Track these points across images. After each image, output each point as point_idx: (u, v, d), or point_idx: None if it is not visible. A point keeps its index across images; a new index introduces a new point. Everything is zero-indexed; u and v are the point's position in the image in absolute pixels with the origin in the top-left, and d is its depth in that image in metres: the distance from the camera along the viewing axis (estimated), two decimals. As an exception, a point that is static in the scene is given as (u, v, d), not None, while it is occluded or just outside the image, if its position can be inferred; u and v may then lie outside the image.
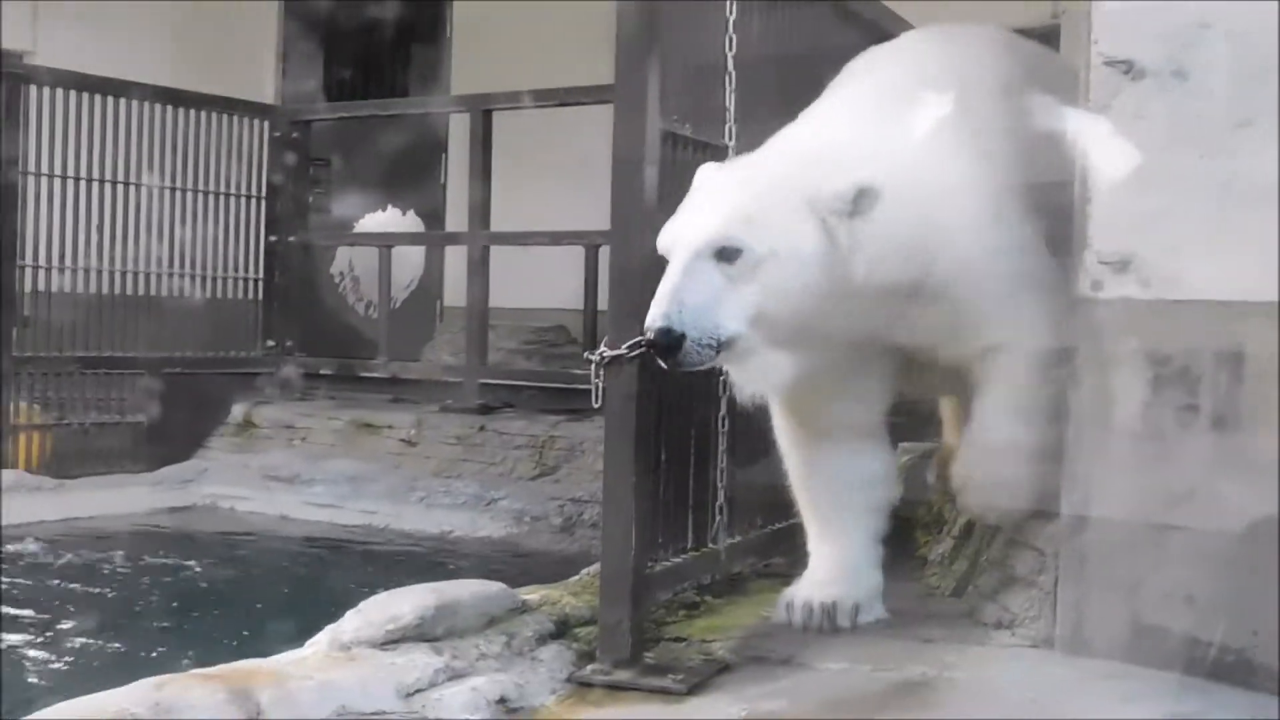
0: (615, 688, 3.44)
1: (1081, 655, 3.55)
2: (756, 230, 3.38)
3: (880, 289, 3.61)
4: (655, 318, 3.24)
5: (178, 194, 8.91)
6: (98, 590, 5.64)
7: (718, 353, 3.32)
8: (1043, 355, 3.81)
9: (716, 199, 3.51)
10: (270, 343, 9.38)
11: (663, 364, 3.32)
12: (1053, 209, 3.86)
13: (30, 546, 6.38)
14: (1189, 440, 3.37)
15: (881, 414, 4.21)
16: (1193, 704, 3.18)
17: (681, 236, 3.40)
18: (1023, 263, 3.87)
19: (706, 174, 3.66)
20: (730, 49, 3.89)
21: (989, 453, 3.94)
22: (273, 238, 9.45)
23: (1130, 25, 3.52)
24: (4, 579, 5.68)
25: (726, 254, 3.33)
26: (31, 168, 8.12)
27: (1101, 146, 3.54)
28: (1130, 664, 3.42)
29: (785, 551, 4.40)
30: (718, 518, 4.16)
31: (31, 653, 4.60)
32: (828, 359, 3.76)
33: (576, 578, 4.28)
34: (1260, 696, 3.14)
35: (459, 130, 9.63)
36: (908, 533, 4.60)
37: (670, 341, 3.21)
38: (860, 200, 3.44)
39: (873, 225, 3.48)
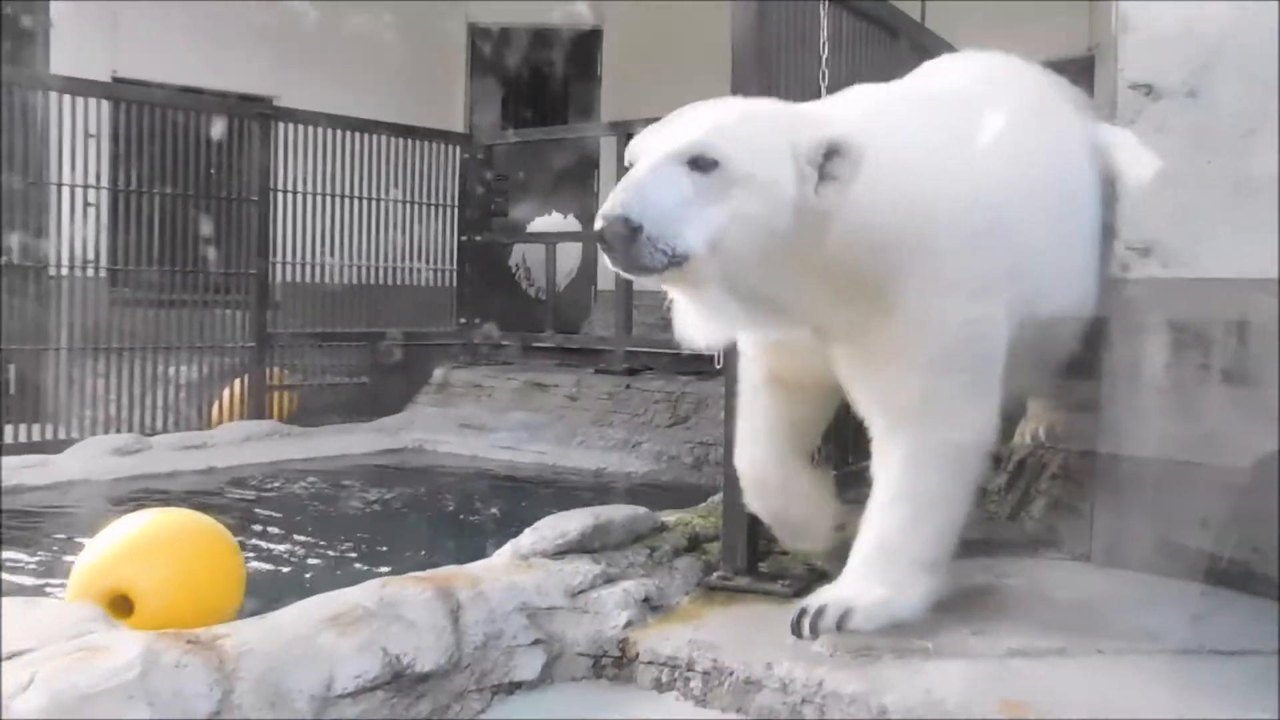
0: (735, 591, 3.48)
1: (1115, 567, 3.52)
2: (739, 148, 2.58)
3: (853, 276, 2.81)
4: (613, 205, 2.46)
5: (391, 205, 9.06)
6: (334, 513, 5.77)
7: (669, 263, 2.48)
8: (976, 451, 3.03)
9: (703, 114, 2.69)
10: (463, 320, 9.49)
11: (610, 263, 2.52)
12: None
13: (280, 480, 6.53)
14: (1203, 393, 3.32)
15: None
16: (1205, 605, 3.13)
17: (656, 141, 2.64)
18: (981, 333, 2.98)
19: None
20: (824, 81, 3.85)
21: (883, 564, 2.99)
22: (464, 238, 9.56)
23: (1150, 55, 3.45)
24: (265, 508, 5.82)
25: (701, 164, 2.54)
26: (281, 186, 8.31)
27: (1128, 155, 3.48)
28: (1155, 575, 3.38)
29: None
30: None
31: (285, 563, 4.71)
32: (781, 330, 3.02)
33: (705, 504, 4.30)
34: (1260, 600, 3.09)
35: (608, 150, 9.65)
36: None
37: (626, 232, 2.43)
38: (832, 159, 2.63)
39: (855, 197, 2.67)
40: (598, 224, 2.46)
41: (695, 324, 2.79)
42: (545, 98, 12.02)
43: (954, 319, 2.92)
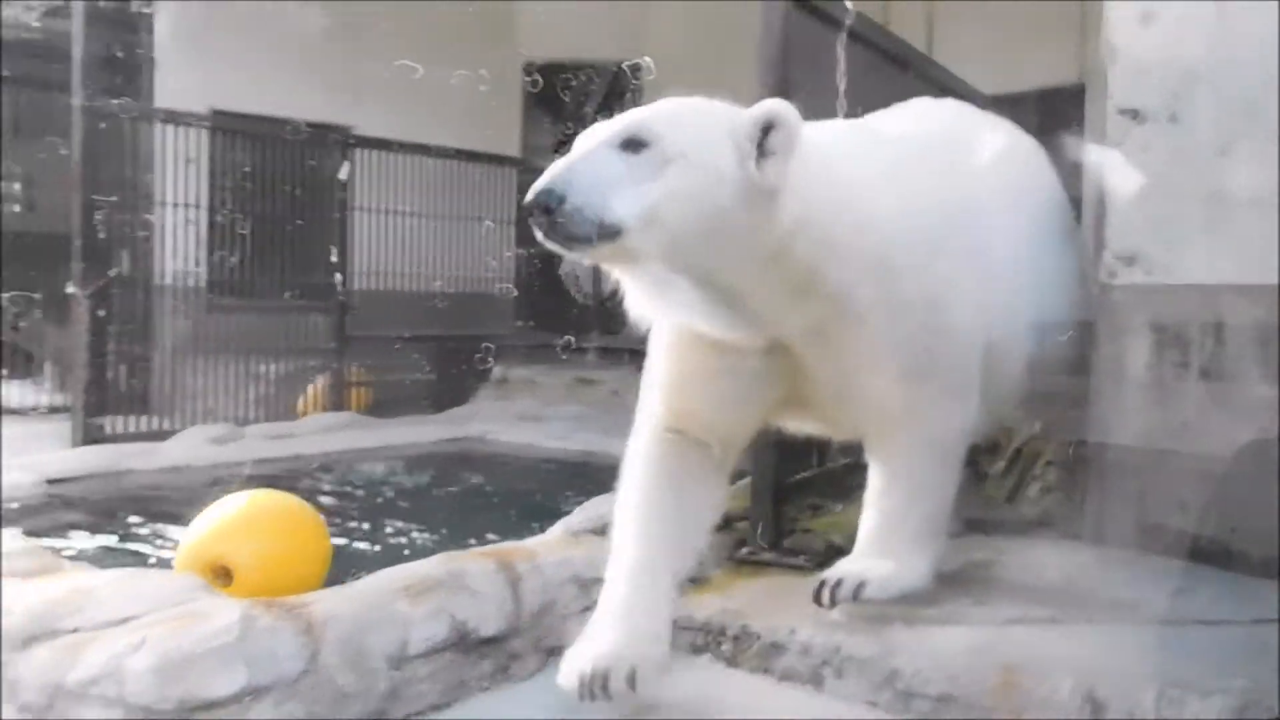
0: (761, 564, 3.49)
1: (1104, 546, 3.50)
2: (670, 128, 2.34)
3: (797, 276, 2.52)
4: (542, 180, 2.24)
5: (456, 221, 9.12)
6: (404, 495, 5.81)
7: (599, 233, 2.23)
8: (958, 442, 2.96)
9: (643, 107, 2.46)
10: (519, 323, 9.53)
11: (542, 238, 2.28)
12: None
13: (358, 466, 6.56)
14: (1182, 388, 3.30)
15: (744, 442, 3.03)
16: (1185, 580, 3.12)
17: (593, 131, 2.41)
18: (951, 338, 2.83)
19: None
20: (842, 110, 3.85)
21: (890, 544, 2.94)
22: (520, 250, 9.62)
23: (1136, 83, 3.43)
24: (346, 490, 5.85)
25: (633, 144, 2.31)
26: (358, 205, 8.39)
27: (1115, 173, 3.46)
28: (1140, 552, 3.37)
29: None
30: (834, 444, 4.14)
31: (363, 538, 4.74)
32: (735, 324, 2.61)
33: (734, 486, 4.25)
34: (1235, 576, 3.08)
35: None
36: (973, 455, 4.52)
37: (550, 201, 2.20)
38: (769, 134, 2.37)
39: (801, 180, 2.42)
40: (528, 197, 2.24)
41: (643, 301, 2.57)
42: (591, 123, 12.02)
43: (921, 330, 2.75)
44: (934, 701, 2.59)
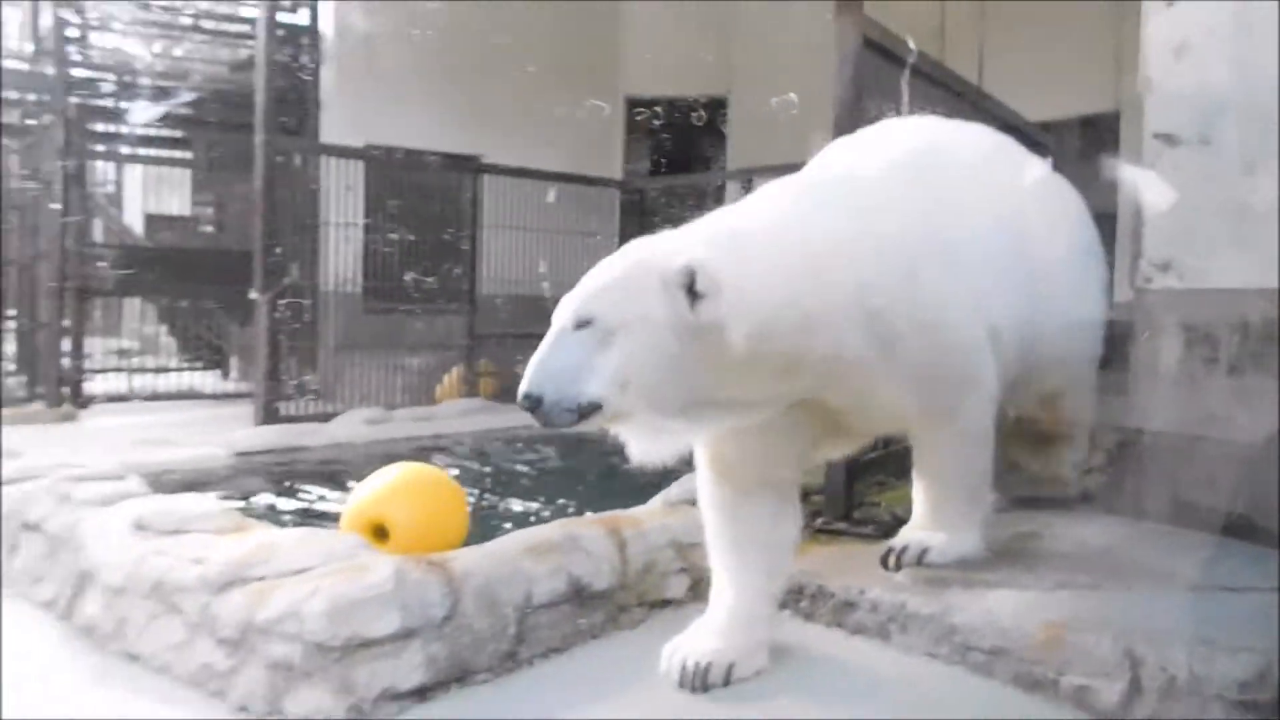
0: (834, 533, 3.48)
1: (1139, 519, 3.42)
2: (606, 302, 2.29)
3: (782, 361, 2.37)
4: (522, 386, 2.27)
5: (564, 236, 9.19)
6: (527, 469, 5.86)
7: (580, 416, 2.24)
8: (983, 427, 2.85)
9: (590, 275, 2.41)
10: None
11: (541, 427, 2.30)
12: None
13: (488, 444, 6.54)
14: (1210, 382, 3.21)
15: (799, 473, 2.84)
16: (1213, 551, 3.04)
17: (558, 310, 2.37)
18: (962, 336, 2.73)
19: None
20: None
21: (945, 521, 2.93)
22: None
23: (1169, 111, 3.35)
24: (478, 464, 5.86)
25: (582, 325, 2.28)
26: (487, 223, 8.52)
27: (1150, 191, 3.37)
28: (1172, 526, 3.29)
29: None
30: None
31: (494, 505, 4.75)
32: (744, 418, 2.49)
33: (812, 465, 4.24)
34: (1259, 548, 2.99)
35: (733, 192, 9.64)
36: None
37: (531, 405, 2.24)
38: (697, 280, 2.25)
39: (743, 303, 2.27)
40: (519, 400, 2.28)
41: (645, 447, 2.41)
42: (684, 148, 11.99)
43: (920, 351, 2.59)
44: (987, 654, 2.57)
